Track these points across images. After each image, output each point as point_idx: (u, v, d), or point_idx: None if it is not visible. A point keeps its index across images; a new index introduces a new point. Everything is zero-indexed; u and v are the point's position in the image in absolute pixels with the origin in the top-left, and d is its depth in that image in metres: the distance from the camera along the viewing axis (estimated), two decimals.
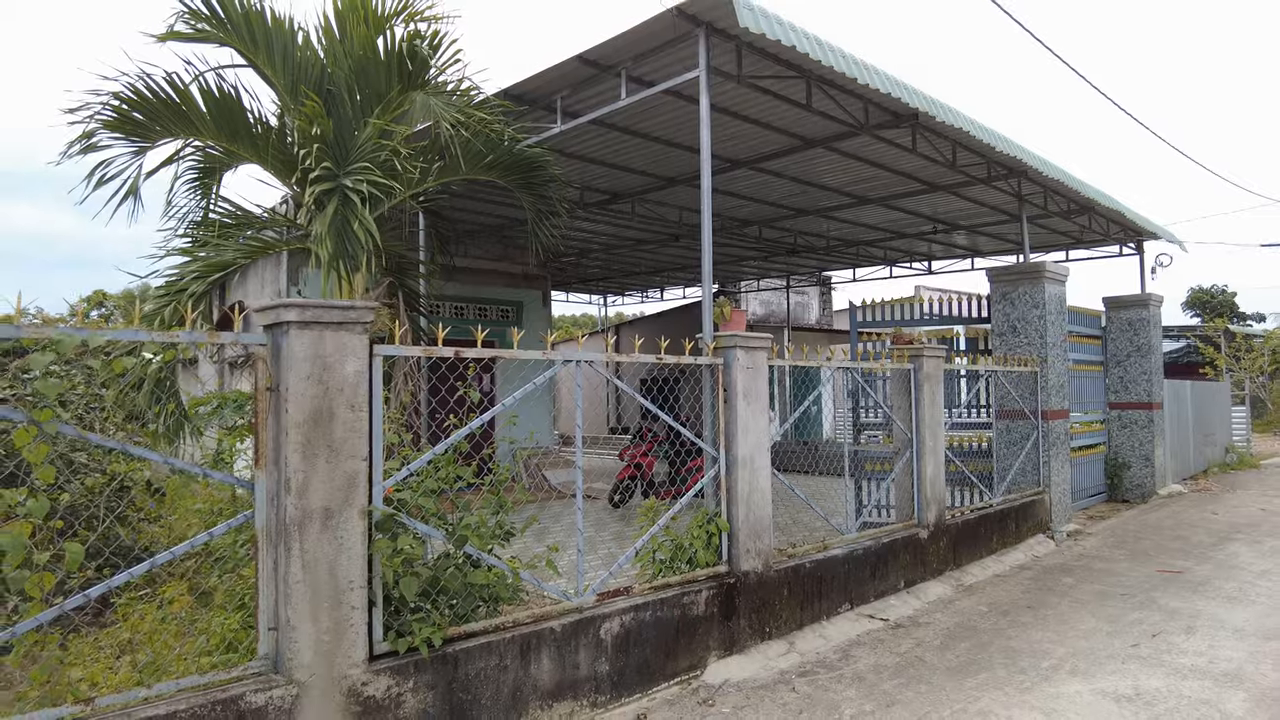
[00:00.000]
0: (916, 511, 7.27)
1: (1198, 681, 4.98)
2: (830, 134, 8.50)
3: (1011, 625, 6.16)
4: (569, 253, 16.10)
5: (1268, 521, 10.46)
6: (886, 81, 6.55)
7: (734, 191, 11.26)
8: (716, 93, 7.44)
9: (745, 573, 5.52)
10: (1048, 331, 9.64)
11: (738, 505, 5.53)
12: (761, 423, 5.71)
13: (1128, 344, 12.74)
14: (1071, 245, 14.63)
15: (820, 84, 7.00)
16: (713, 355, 5.57)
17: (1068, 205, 11.29)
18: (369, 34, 5.95)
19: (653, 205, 11.73)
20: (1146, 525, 10.35)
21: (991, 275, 10.19)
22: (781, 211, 12.54)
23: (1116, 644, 5.69)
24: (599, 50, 6.54)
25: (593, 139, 8.99)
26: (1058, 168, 9.53)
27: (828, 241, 15.13)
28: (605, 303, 24.09)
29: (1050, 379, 9.62)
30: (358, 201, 5.21)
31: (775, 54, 6.46)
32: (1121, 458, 12.60)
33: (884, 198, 11.52)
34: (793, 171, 10.19)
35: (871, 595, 6.62)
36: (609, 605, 4.74)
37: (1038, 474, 9.49)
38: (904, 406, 7.33)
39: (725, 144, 9.09)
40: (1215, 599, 6.80)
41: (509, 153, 6.62)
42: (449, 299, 14.60)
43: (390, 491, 4.04)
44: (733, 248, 15.56)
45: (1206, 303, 48.95)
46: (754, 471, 5.64)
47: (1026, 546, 8.76)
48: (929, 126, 7.86)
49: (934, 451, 7.37)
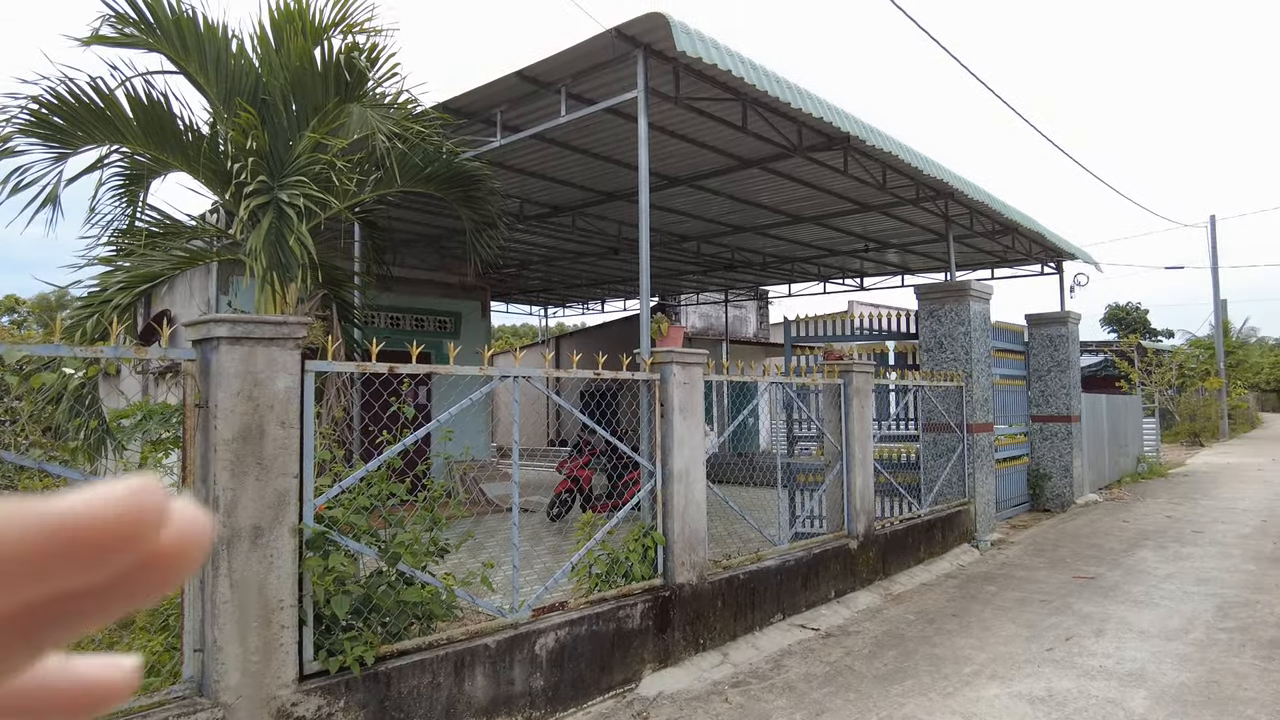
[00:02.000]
0: (847, 522, 7.48)
1: (1105, 682, 5.25)
2: (765, 155, 8.72)
3: (937, 633, 6.38)
4: (509, 264, 16.05)
5: (1173, 528, 11.04)
6: (818, 106, 6.77)
7: (673, 208, 11.43)
8: (655, 112, 7.58)
9: (680, 585, 5.61)
10: (972, 348, 10.04)
11: (673, 519, 5.62)
12: (697, 437, 5.82)
13: (1048, 359, 13.32)
14: (996, 264, 15.24)
15: (755, 107, 7.19)
16: (650, 371, 5.66)
17: (992, 226, 11.79)
18: (306, 45, 5.89)
19: (593, 219, 11.82)
20: (1065, 534, 10.82)
21: (919, 293, 10.56)
22: (720, 228, 12.77)
23: (1033, 648, 5.95)
24: (539, 67, 6.61)
25: (533, 153, 9.03)
26: (982, 190, 9.95)
27: (764, 258, 15.45)
28: (546, 314, 24.05)
29: (975, 393, 10.01)
30: (293, 215, 5.15)
31: (712, 77, 6.62)
32: (1043, 469, 13.14)
33: (818, 216, 11.84)
34: (730, 190, 10.41)
35: (803, 605, 6.78)
36: (544, 621, 4.77)
37: (963, 485, 9.85)
38: (834, 420, 7.55)
39: (664, 162, 9.23)
40: (1124, 603, 7.16)
41: (447, 165, 6.62)
42: (385, 310, 14.39)
43: (322, 509, 4.01)
44: (672, 262, 15.75)
45: (1122, 319, 51.45)
46: (689, 485, 5.74)
47: (952, 555, 9.08)
48: (860, 149, 8.14)
49: (863, 464, 7.60)
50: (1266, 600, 7.19)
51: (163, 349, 3.61)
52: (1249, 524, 11.23)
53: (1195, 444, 27.61)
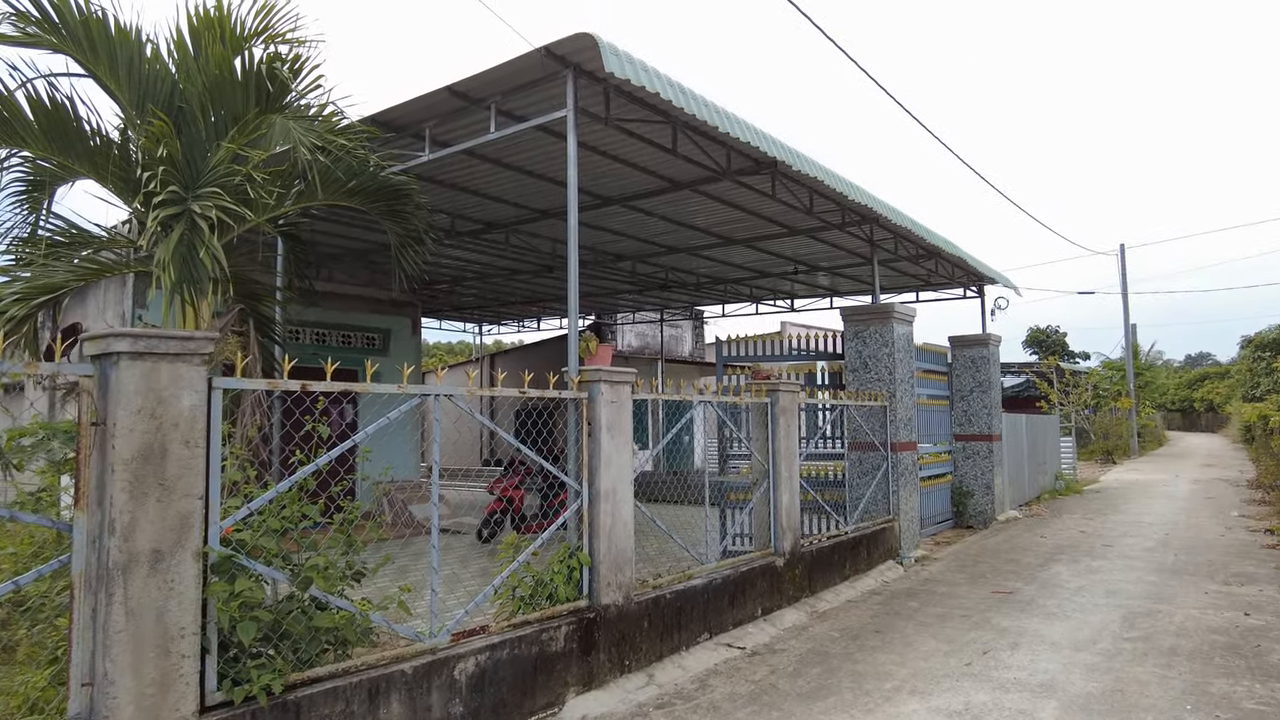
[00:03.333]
0: (773, 540, 7.55)
1: (1018, 694, 5.40)
2: (696, 177, 8.83)
3: (860, 649, 6.47)
4: (441, 280, 15.84)
5: (1085, 542, 11.49)
6: (746, 130, 6.90)
7: (607, 227, 11.46)
8: (587, 132, 7.61)
9: (606, 606, 5.56)
10: (896, 368, 10.31)
11: (600, 538, 5.58)
12: (625, 456, 5.80)
13: (971, 380, 13.76)
14: (921, 287, 15.72)
15: (685, 130, 7.29)
16: (577, 389, 5.64)
17: (916, 251, 12.16)
18: (226, 53, 5.72)
19: (526, 236, 11.77)
20: (986, 550, 11.14)
21: (845, 315, 10.81)
22: (654, 248, 12.86)
23: (952, 663, 6.09)
24: (469, 83, 6.56)
25: (464, 169, 8.96)
26: (906, 216, 10.26)
27: (699, 278, 15.61)
28: (480, 331, 23.79)
29: (899, 413, 10.26)
30: (206, 227, 4.98)
31: (642, 99, 6.68)
32: (966, 486, 13.53)
33: (749, 239, 12.03)
34: (663, 211, 10.50)
35: (730, 624, 6.80)
36: (465, 645, 4.66)
37: (888, 503, 10.07)
38: (762, 439, 7.64)
39: (597, 181, 9.26)
40: (1038, 616, 7.40)
41: (372, 179, 6.50)
42: (311, 325, 14.04)
43: (229, 531, 3.85)
44: (607, 280, 15.78)
45: (1043, 342, 53.54)
46: (617, 504, 5.71)
47: (877, 572, 9.24)
48: (787, 174, 8.31)
49: (790, 482, 7.70)
50: (1167, 610, 7.52)
51: (57, 364, 3.43)
52: (1153, 538, 11.76)
53: (1109, 461, 28.85)
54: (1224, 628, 6.91)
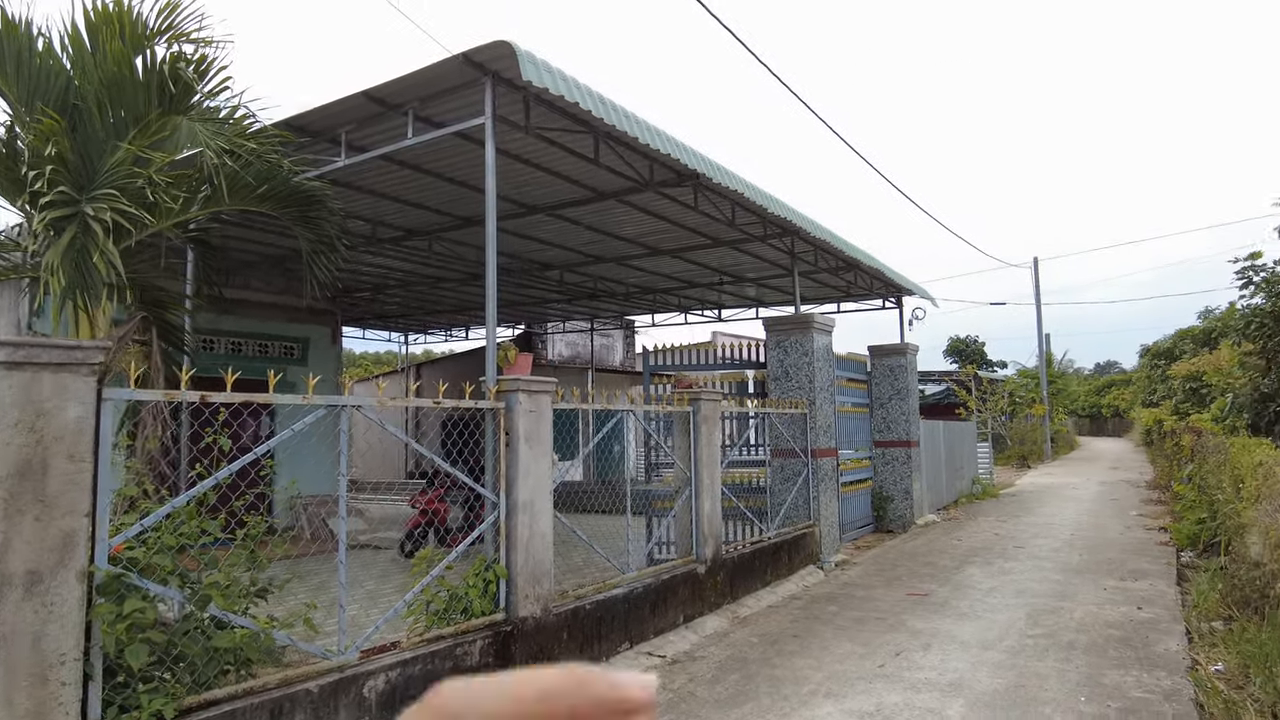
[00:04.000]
0: (695, 548, 7.61)
1: (928, 694, 5.56)
2: (620, 188, 8.87)
3: (778, 654, 6.57)
4: (362, 287, 15.49)
5: (999, 544, 11.92)
6: (667, 143, 6.97)
7: (534, 235, 11.40)
8: (508, 140, 7.57)
9: (523, 619, 5.51)
10: (816, 376, 10.53)
11: (517, 551, 5.52)
12: (544, 466, 5.77)
13: (889, 388, 14.16)
14: (842, 298, 16.10)
15: (608, 140, 7.32)
16: (494, 399, 5.58)
17: (836, 262, 12.46)
18: (126, 51, 5.49)
19: (450, 244, 11.61)
20: (904, 553, 11.45)
21: (767, 325, 11.01)
22: (582, 257, 12.85)
23: (867, 665, 6.23)
24: (386, 89, 6.46)
25: (384, 175, 8.80)
26: (824, 228, 10.51)
27: (627, 288, 15.66)
28: (406, 341, 23.33)
29: (818, 420, 10.48)
30: (100, 231, 4.76)
31: (563, 108, 6.68)
32: (886, 491, 13.89)
33: (675, 250, 12.14)
34: (589, 220, 10.51)
35: (651, 632, 6.82)
36: (374, 661, 4.55)
37: (809, 508, 10.26)
38: (684, 447, 7.70)
39: (521, 189, 9.22)
40: (951, 617, 7.64)
41: (284, 184, 6.33)
42: (226, 335, 13.56)
43: (119, 549, 3.67)
44: (536, 289, 15.69)
45: (963, 351, 55.48)
46: (535, 516, 5.67)
47: (798, 577, 9.40)
48: (709, 186, 8.43)
49: (711, 489, 7.78)
50: (1069, 607, 7.86)
51: None
52: (1061, 538, 12.28)
53: (1024, 466, 30.02)
54: (1119, 622, 7.26)
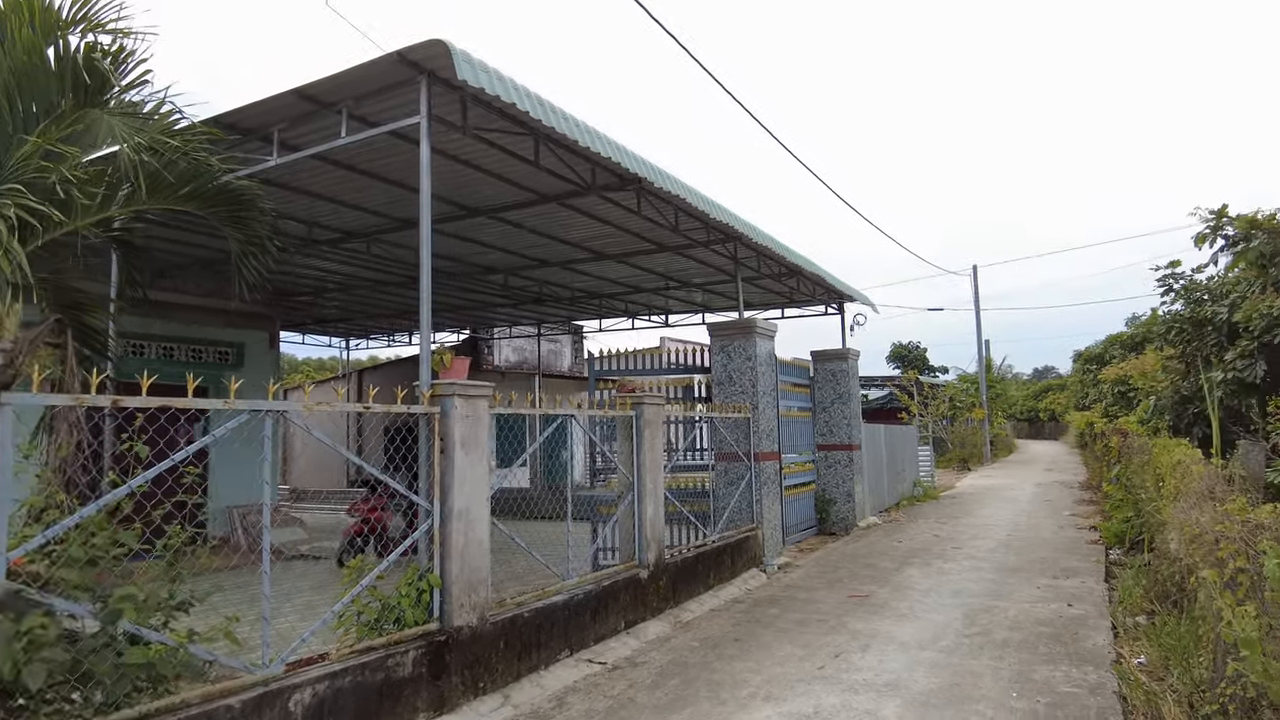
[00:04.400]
0: (638, 552, 7.57)
1: (866, 695, 5.60)
2: (562, 191, 8.81)
3: (719, 658, 6.56)
4: (301, 291, 15.12)
5: (937, 546, 12.15)
6: (607, 145, 6.94)
7: (476, 239, 11.26)
8: (446, 141, 7.46)
9: (459, 628, 5.39)
10: (759, 381, 10.61)
11: (452, 559, 5.41)
12: (480, 472, 5.67)
13: (831, 392, 14.35)
14: (786, 304, 16.28)
15: (548, 143, 7.26)
16: (429, 404, 5.47)
17: (779, 269, 12.59)
18: (36, 40, 5.25)
19: (390, 246, 11.39)
20: (845, 555, 11.59)
21: (711, 330, 11.06)
22: (526, 261, 12.74)
23: (806, 667, 6.26)
24: (319, 86, 6.30)
25: (320, 175, 8.59)
26: (767, 235, 10.61)
27: (573, 293, 15.59)
28: (347, 346, 22.84)
29: (761, 424, 10.55)
30: (3, 228, 4.52)
31: (501, 109, 6.60)
32: (828, 494, 14.06)
33: (620, 254, 12.12)
34: (532, 223, 10.42)
35: (592, 639, 6.75)
36: (301, 675, 4.40)
37: (752, 512, 10.31)
38: (627, 451, 7.66)
39: (461, 191, 9.09)
40: (890, 618, 7.73)
41: (211, 182, 6.11)
42: (157, 339, 13.09)
43: (19, 563, 3.48)
44: (480, 294, 15.51)
45: (905, 356, 56.73)
46: (470, 523, 5.56)
47: (741, 580, 9.43)
48: (651, 191, 8.42)
49: (654, 493, 7.75)
50: (1003, 606, 8.03)
51: None
52: (997, 538, 12.58)
53: (964, 468, 30.73)
54: (1050, 619, 7.44)
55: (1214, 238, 6.77)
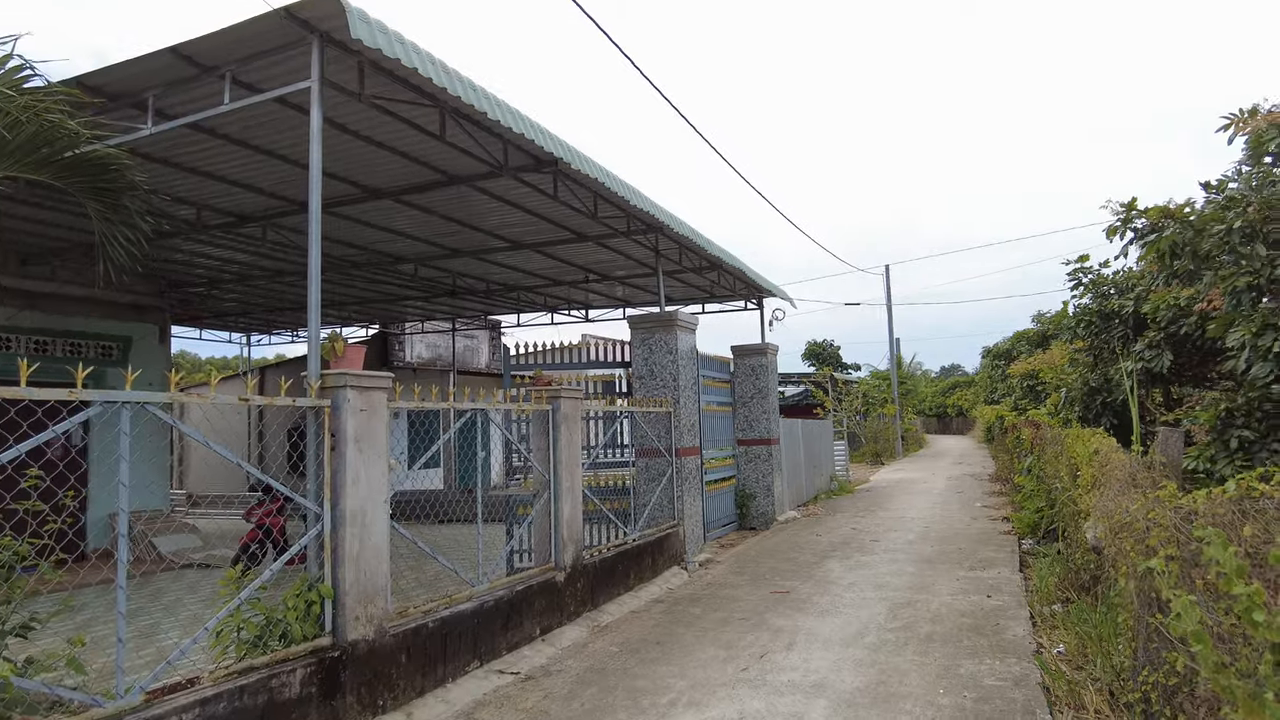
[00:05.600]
0: (554, 554, 7.18)
1: (791, 696, 5.37)
2: (474, 172, 8.33)
3: (639, 663, 6.24)
4: (194, 281, 14.10)
5: (856, 539, 12.16)
6: (521, 122, 6.52)
7: (382, 224, 10.64)
8: (345, 113, 6.90)
9: (354, 642, 4.91)
10: (680, 375, 10.35)
11: (345, 567, 4.92)
12: (377, 472, 5.18)
13: (751, 387, 14.25)
14: (706, 299, 16.14)
15: (456, 117, 6.78)
16: (317, 396, 4.95)
17: (699, 262, 12.38)
18: None
19: (288, 232, 10.65)
20: (766, 550, 11.46)
21: (632, 323, 10.75)
22: (438, 250, 12.15)
23: (730, 669, 6.00)
24: (197, 45, 5.67)
25: (208, 150, 7.87)
26: (688, 226, 10.36)
27: (489, 285, 15.04)
28: (249, 341, 21.61)
29: (683, 419, 10.30)
30: None
31: (405, 78, 6.10)
32: (749, 489, 13.96)
33: (538, 244, 11.67)
34: (444, 208, 9.88)
35: (504, 648, 6.33)
36: (164, 704, 3.85)
37: (673, 508, 10.05)
38: (543, 448, 7.26)
39: (364, 170, 8.50)
40: (812, 614, 7.57)
41: (68, 149, 5.43)
42: (28, 332, 11.93)
43: None
44: (389, 285, 14.78)
45: (820, 354, 57.87)
46: (366, 527, 5.07)
47: (662, 579, 9.15)
48: (569, 174, 8.03)
49: (572, 492, 7.37)
50: (924, 599, 7.98)
51: None
52: (914, 531, 12.69)
53: (878, 462, 31.40)
54: (971, 611, 7.41)
55: (1124, 230, 6.81)
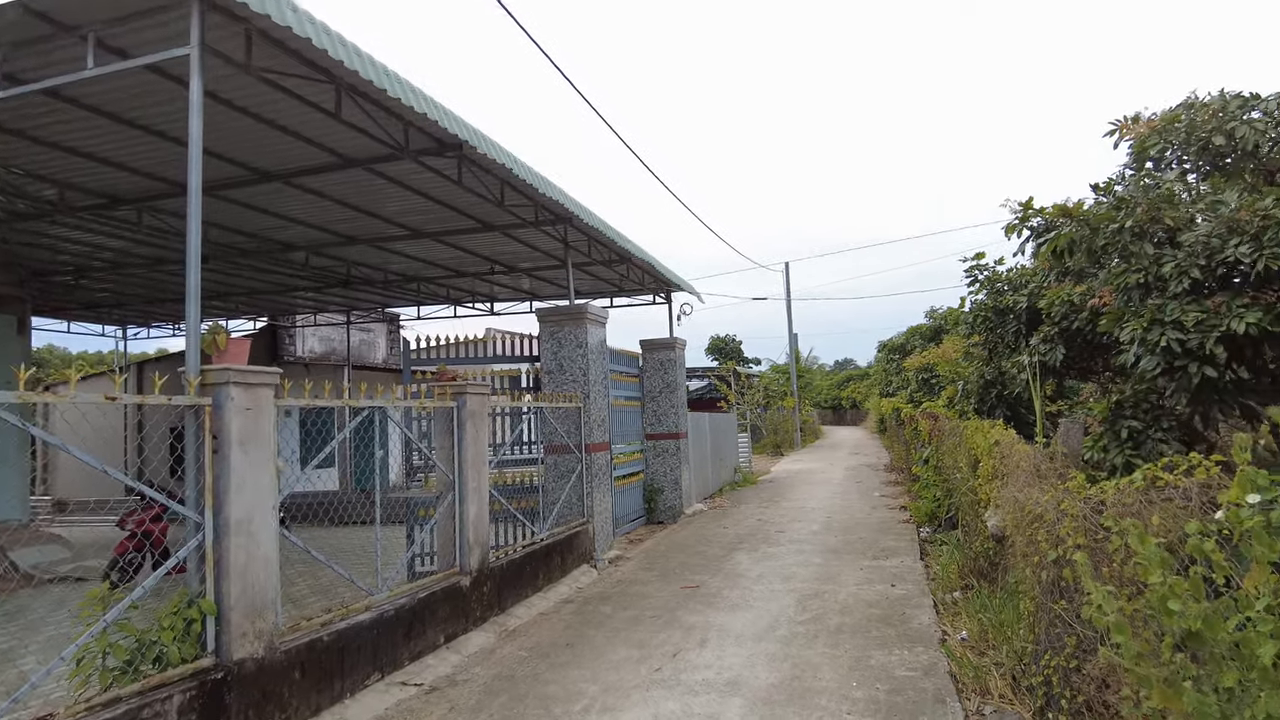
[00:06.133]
0: (459, 558, 6.86)
1: (707, 696, 5.28)
2: (373, 155, 7.87)
3: (550, 668, 6.02)
4: (58, 269, 12.93)
5: (762, 531, 12.28)
6: (423, 101, 6.17)
7: (273, 209, 9.97)
8: (231, 87, 6.37)
9: (240, 662, 4.50)
10: (590, 369, 10.16)
11: (230, 579, 4.50)
12: (265, 475, 4.78)
13: (659, 381, 14.20)
14: (616, 293, 15.99)
15: (353, 94, 6.35)
16: (197, 394, 4.51)
17: (609, 254, 12.21)
18: None
19: (169, 216, 9.84)
20: (675, 544, 11.41)
21: (540, 316, 10.49)
22: (332, 237, 11.51)
23: (643, 670, 5.86)
24: (55, 1, 5.07)
25: (71, 123, 7.13)
26: (599, 218, 10.16)
27: (387, 275, 14.41)
28: (125, 335, 20.05)
29: (593, 414, 10.12)
30: None
31: (298, 50, 5.65)
32: (657, 483, 13.92)
33: (440, 233, 11.22)
34: (339, 192, 9.33)
35: (407, 658, 6.00)
36: None
37: (583, 505, 9.85)
38: (447, 447, 6.92)
39: (252, 150, 7.90)
40: (723, 609, 7.53)
41: None
42: None
43: None
44: (278, 275, 13.95)
45: (723, 349, 58.87)
46: (253, 536, 4.67)
47: (572, 578, 8.95)
48: (475, 159, 7.69)
49: (478, 492, 7.07)
50: (831, 590, 8.08)
51: None
52: (817, 521, 12.93)
53: (778, 454, 32.10)
54: (877, 601, 7.54)
55: (1021, 228, 7.04)
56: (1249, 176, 6.69)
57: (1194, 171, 6.82)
